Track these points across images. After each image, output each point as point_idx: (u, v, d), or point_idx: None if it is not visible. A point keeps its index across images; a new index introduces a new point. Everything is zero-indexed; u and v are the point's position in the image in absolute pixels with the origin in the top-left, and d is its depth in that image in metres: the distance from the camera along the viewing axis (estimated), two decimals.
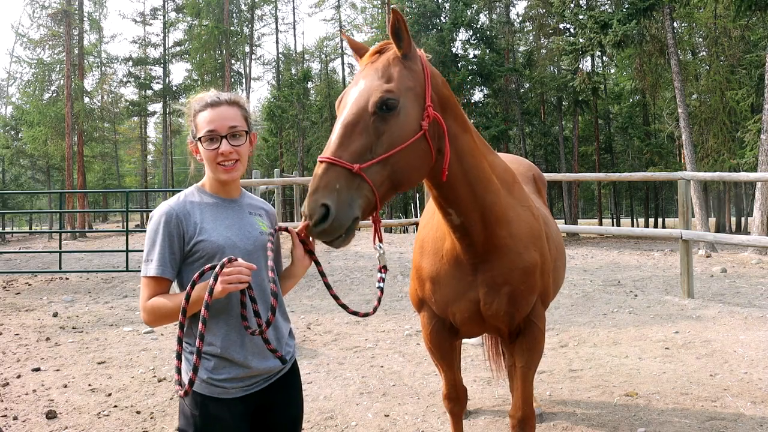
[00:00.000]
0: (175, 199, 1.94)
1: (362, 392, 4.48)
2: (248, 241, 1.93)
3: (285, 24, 48.99)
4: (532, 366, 2.68)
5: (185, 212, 1.89)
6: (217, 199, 1.97)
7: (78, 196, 28.34)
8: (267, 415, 1.97)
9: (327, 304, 7.82)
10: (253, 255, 1.92)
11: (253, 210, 2.04)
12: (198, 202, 1.94)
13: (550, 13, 28.03)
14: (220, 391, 1.86)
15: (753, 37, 22.72)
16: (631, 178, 9.84)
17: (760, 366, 4.83)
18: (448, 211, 2.32)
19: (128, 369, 5.20)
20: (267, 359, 1.92)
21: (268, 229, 2.01)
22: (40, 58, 32.43)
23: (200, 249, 1.86)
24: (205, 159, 1.93)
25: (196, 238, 1.87)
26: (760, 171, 13.62)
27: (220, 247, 1.87)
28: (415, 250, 2.80)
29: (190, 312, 1.75)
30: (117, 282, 9.88)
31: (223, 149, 1.88)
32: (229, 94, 1.99)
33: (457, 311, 2.58)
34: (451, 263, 2.52)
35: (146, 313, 1.83)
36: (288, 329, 2.06)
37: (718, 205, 41.32)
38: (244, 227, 1.95)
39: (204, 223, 1.89)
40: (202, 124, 1.91)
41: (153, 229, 1.87)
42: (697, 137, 23.51)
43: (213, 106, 1.92)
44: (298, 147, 34.95)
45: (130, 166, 54.17)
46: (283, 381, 2.00)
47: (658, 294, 8.04)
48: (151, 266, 1.84)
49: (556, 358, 5.26)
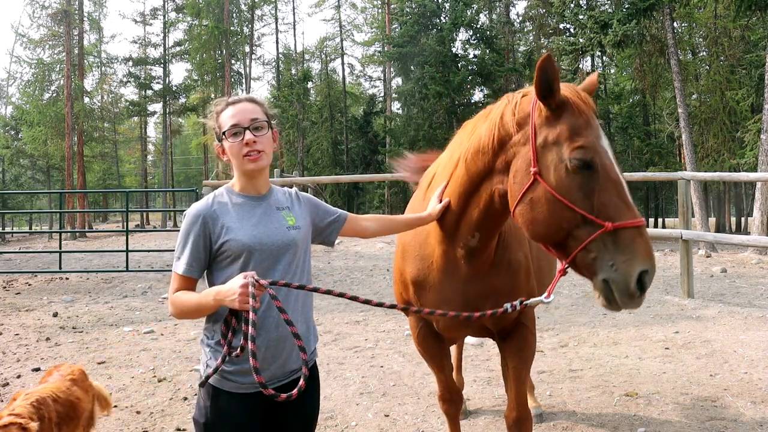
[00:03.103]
0: (204, 200, 2.00)
1: (362, 392, 4.48)
2: (276, 238, 1.96)
3: (285, 24, 49.06)
4: (524, 366, 2.67)
5: (213, 214, 1.94)
6: (245, 198, 2.01)
7: (78, 196, 28.35)
8: (280, 413, 1.99)
9: (327, 303, 7.83)
10: (282, 252, 1.96)
11: (280, 205, 2.06)
12: (226, 202, 1.99)
13: (550, 13, 28.03)
14: (233, 386, 1.91)
15: (753, 37, 22.71)
16: (631, 178, 9.84)
17: (760, 366, 4.83)
18: (473, 235, 2.32)
19: (128, 369, 5.20)
20: (285, 365, 1.95)
21: (297, 221, 2.04)
22: (40, 58, 32.45)
23: (227, 249, 1.91)
24: (231, 155, 1.98)
25: (223, 238, 1.91)
26: (760, 171, 13.62)
27: (246, 246, 1.91)
28: (397, 254, 2.78)
29: (200, 314, 1.90)
30: (117, 282, 9.88)
31: (247, 138, 1.94)
32: (250, 95, 2.10)
33: (440, 318, 2.55)
34: (440, 271, 2.48)
35: (171, 305, 1.93)
36: (313, 333, 2.10)
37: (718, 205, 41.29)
38: (271, 224, 1.98)
39: (230, 223, 1.93)
40: (225, 121, 1.98)
41: (184, 230, 1.95)
42: (697, 137, 23.50)
43: (234, 104, 2.01)
44: (298, 147, 34.96)
45: (130, 166, 54.18)
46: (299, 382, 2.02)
47: (658, 294, 8.03)
48: (179, 264, 1.92)
49: (556, 358, 5.25)
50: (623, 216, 1.82)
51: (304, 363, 1.79)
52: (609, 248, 1.82)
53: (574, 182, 1.90)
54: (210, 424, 1.90)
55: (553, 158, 1.94)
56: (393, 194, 31.85)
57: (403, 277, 2.68)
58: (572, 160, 1.89)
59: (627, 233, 1.81)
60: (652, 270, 1.80)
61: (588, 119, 1.95)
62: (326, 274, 9.63)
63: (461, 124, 2.51)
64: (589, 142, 1.90)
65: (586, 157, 1.88)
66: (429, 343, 2.79)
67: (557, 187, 1.93)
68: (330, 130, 37.10)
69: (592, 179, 1.88)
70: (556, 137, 1.95)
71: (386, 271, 9.75)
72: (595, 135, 1.93)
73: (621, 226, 1.81)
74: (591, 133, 1.92)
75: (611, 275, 1.82)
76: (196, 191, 11.81)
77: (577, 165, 1.89)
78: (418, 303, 2.63)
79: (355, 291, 8.65)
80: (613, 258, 1.81)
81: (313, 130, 36.53)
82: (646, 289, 1.80)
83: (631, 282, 1.77)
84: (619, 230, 1.82)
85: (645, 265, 1.78)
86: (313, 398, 2.08)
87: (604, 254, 1.83)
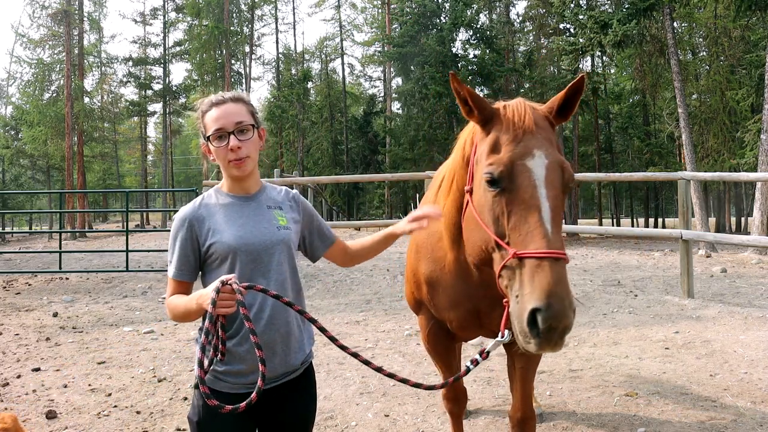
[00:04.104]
0: (192, 203, 1.99)
1: (362, 392, 4.48)
2: (264, 237, 1.94)
3: (285, 24, 49.10)
4: (531, 367, 2.67)
5: (199, 217, 1.94)
6: (233, 198, 1.99)
7: (78, 196, 28.34)
8: (278, 414, 1.99)
9: (327, 303, 7.83)
10: (270, 251, 1.93)
11: (272, 204, 2.03)
12: (214, 204, 1.98)
13: (550, 13, 28.00)
14: (224, 386, 1.91)
15: (753, 37, 22.69)
16: (631, 178, 9.85)
17: (760, 366, 4.83)
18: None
19: (128, 369, 5.20)
20: (276, 368, 1.94)
21: (288, 222, 2.01)
22: (40, 58, 32.44)
23: (214, 251, 1.90)
24: (216, 158, 1.96)
25: (210, 240, 1.91)
26: (760, 171, 13.61)
27: (231, 247, 1.89)
28: (410, 252, 2.78)
29: (190, 318, 1.88)
30: (117, 282, 9.88)
31: (232, 144, 1.91)
32: (233, 92, 2.02)
33: (454, 318, 2.57)
34: (453, 274, 2.46)
35: (167, 309, 1.96)
36: (307, 335, 2.08)
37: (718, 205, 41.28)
38: (259, 224, 1.96)
39: (216, 225, 1.92)
40: (210, 124, 1.95)
41: (172, 234, 1.96)
42: (697, 137, 23.49)
43: (218, 105, 1.96)
44: (298, 147, 34.95)
45: (130, 166, 54.18)
46: (294, 383, 2.01)
47: (658, 294, 8.03)
48: (171, 268, 1.94)
49: (556, 358, 5.25)
50: (530, 244, 1.66)
51: (261, 376, 1.69)
52: (516, 278, 1.68)
53: (488, 201, 1.81)
54: (202, 423, 1.92)
55: (479, 176, 1.88)
56: (393, 194, 31.86)
57: (417, 276, 2.68)
58: (484, 176, 1.81)
59: (530, 264, 1.63)
60: (548, 310, 1.54)
61: (515, 135, 1.81)
62: (326, 274, 9.62)
63: (461, 124, 2.52)
64: (501, 159, 1.78)
65: (494, 174, 1.77)
66: (438, 342, 2.79)
67: (477, 206, 1.88)
68: (330, 130, 37.09)
69: (504, 199, 1.76)
70: (480, 153, 1.91)
71: (386, 271, 9.75)
72: (516, 152, 1.78)
73: (525, 255, 1.65)
74: (512, 149, 1.78)
75: (513, 308, 1.68)
76: (196, 191, 11.81)
77: (487, 182, 1.79)
78: (430, 303, 2.64)
79: (355, 291, 8.64)
80: (518, 290, 1.66)
81: (313, 130, 36.52)
82: (544, 332, 1.56)
83: (521, 320, 1.61)
84: (524, 259, 1.65)
85: (537, 302, 1.56)
86: (310, 399, 2.08)
87: (512, 284, 1.70)
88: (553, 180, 1.76)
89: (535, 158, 1.77)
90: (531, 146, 1.79)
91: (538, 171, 1.76)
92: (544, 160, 1.78)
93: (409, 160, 26.54)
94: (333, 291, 8.63)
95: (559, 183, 1.77)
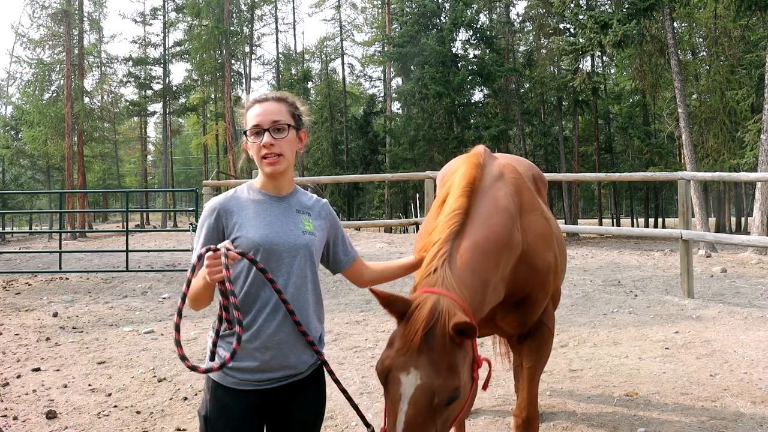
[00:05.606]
0: (224, 194, 2.02)
1: (362, 392, 4.48)
2: (288, 239, 1.95)
3: (285, 24, 48.99)
4: (539, 366, 2.70)
5: (228, 209, 1.96)
6: (265, 196, 2.01)
7: (78, 196, 28.34)
8: (286, 413, 2.00)
9: (327, 303, 7.82)
10: (293, 253, 1.95)
11: (302, 208, 2.05)
12: (244, 198, 2.00)
13: (550, 13, 28.00)
14: (232, 381, 1.92)
15: (753, 37, 22.70)
16: (631, 178, 9.86)
17: (760, 366, 4.83)
18: None
19: (128, 369, 5.20)
20: (284, 368, 1.95)
21: (314, 228, 2.03)
22: (40, 58, 32.42)
23: (238, 246, 1.90)
24: (252, 153, 1.99)
25: (235, 234, 1.92)
26: (760, 171, 13.62)
27: (255, 244, 1.91)
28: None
29: (192, 296, 1.89)
30: (117, 282, 9.88)
31: (265, 141, 1.94)
32: (280, 93, 2.08)
33: None
34: None
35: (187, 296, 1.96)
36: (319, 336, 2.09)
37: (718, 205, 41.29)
38: (286, 225, 1.97)
39: (244, 220, 1.94)
40: (249, 120, 1.99)
41: (200, 222, 1.98)
42: (697, 137, 23.49)
43: (260, 102, 2.01)
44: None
45: (130, 166, 54.20)
46: (304, 384, 2.02)
47: (658, 294, 8.03)
48: (194, 256, 1.93)
49: (556, 358, 5.25)
50: None
51: (237, 338, 1.78)
52: None
53: None
54: (209, 417, 1.93)
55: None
56: (393, 194, 31.86)
57: None
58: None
59: None
60: None
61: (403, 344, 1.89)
62: (326, 274, 9.61)
63: (461, 124, 2.53)
64: (383, 362, 1.91)
65: (377, 370, 1.92)
66: None
67: None
68: (330, 130, 37.11)
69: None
70: None
71: None
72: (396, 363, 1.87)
73: None
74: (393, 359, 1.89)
75: None
76: (196, 191, 11.81)
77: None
78: None
79: (355, 291, 8.63)
80: None
81: (313, 130, 36.50)
82: None
83: None
84: None
85: None
86: (319, 400, 2.09)
87: None
88: (418, 400, 1.80)
89: (410, 376, 1.83)
90: (410, 364, 1.84)
91: (407, 389, 1.82)
92: (416, 381, 1.82)
93: (409, 160, 26.53)
94: (333, 291, 8.63)
95: (425, 405, 1.80)
